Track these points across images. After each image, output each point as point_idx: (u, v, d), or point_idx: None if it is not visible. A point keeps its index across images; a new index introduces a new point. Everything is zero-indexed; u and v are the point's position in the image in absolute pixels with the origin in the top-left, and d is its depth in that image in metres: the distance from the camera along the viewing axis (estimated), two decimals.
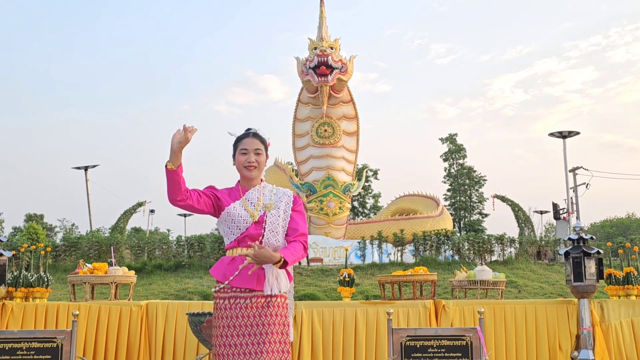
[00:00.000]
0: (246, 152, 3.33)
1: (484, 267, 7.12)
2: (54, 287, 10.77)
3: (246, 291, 3.17)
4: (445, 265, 14.17)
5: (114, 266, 7.07)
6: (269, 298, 3.17)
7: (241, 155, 3.34)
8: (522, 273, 13.64)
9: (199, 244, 15.10)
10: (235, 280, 3.17)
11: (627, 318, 6.32)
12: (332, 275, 12.63)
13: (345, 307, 6.36)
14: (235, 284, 3.17)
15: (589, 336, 6.19)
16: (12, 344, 5.49)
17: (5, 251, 6.22)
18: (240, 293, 3.17)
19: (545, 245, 16.17)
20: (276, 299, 3.19)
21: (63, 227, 47.49)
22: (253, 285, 3.15)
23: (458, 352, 5.52)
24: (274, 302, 3.18)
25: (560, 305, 6.44)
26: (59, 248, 15.54)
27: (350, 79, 16.71)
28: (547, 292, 12.02)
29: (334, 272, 12.86)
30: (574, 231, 6.41)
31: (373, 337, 6.27)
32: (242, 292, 3.17)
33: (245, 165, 3.33)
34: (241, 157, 3.34)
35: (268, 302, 3.17)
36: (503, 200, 20.49)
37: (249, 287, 3.16)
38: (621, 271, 6.69)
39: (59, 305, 6.39)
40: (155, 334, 6.30)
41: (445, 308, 6.36)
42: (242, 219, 3.24)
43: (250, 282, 3.15)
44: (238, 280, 3.16)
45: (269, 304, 3.17)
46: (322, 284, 12.11)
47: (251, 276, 3.13)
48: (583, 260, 6.21)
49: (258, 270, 3.12)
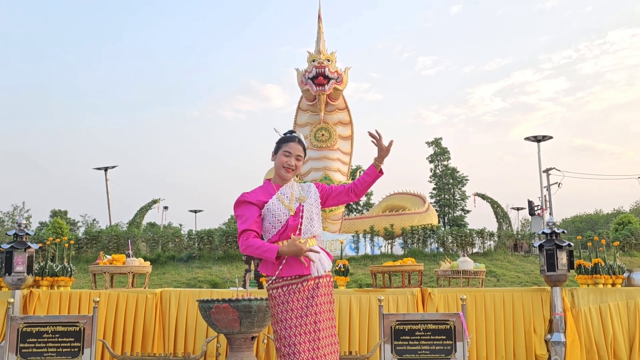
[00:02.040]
0: (289, 155, 3.28)
1: (466, 258, 7.13)
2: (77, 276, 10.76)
3: (296, 278, 3.13)
4: (431, 256, 14.17)
5: (131, 257, 7.07)
6: (317, 279, 3.15)
7: (283, 156, 3.28)
8: (500, 264, 13.65)
9: (208, 238, 15.08)
10: (284, 270, 3.12)
11: (595, 304, 6.33)
12: None
13: (341, 295, 6.36)
14: (284, 274, 3.12)
15: (560, 321, 6.20)
16: (39, 328, 5.49)
17: (32, 244, 6.21)
18: (291, 280, 3.12)
19: (522, 238, 16.17)
20: (323, 279, 3.18)
21: (85, 222, 47.37)
22: (301, 271, 3.11)
23: (443, 335, 5.53)
24: (322, 283, 3.17)
25: (535, 292, 6.45)
26: (81, 241, 15.50)
27: (345, 88, 16.71)
28: (523, 281, 12.03)
29: None
30: (547, 226, 6.42)
31: (366, 321, 6.27)
32: (292, 279, 3.12)
33: (285, 167, 3.28)
34: (283, 158, 3.28)
35: (317, 283, 3.15)
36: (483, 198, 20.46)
37: (298, 274, 3.12)
38: (590, 262, 6.71)
39: (81, 293, 6.38)
40: (169, 319, 6.29)
41: (431, 295, 6.37)
42: (282, 212, 3.18)
43: (298, 269, 3.12)
44: (286, 270, 3.11)
45: (318, 284, 3.15)
46: None
47: (297, 263, 3.10)
48: (555, 252, 6.22)
49: (306, 261, 3.10)
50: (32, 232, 6.31)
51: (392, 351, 5.48)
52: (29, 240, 6.23)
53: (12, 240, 6.15)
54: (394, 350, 5.48)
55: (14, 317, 5.52)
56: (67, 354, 5.45)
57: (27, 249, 6.14)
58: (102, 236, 15.55)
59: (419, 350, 5.47)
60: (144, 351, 6.15)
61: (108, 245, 15.02)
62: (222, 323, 5.07)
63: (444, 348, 5.48)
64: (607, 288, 6.49)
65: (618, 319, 6.30)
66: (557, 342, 6.13)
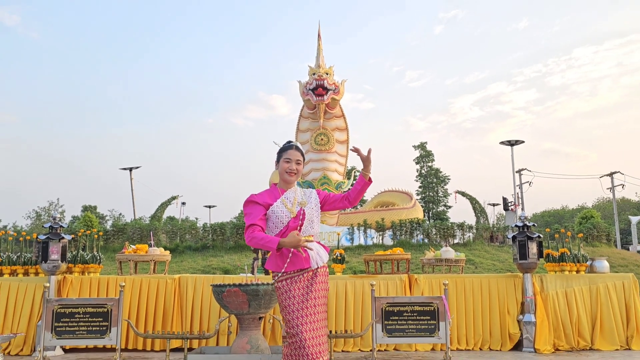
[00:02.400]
0: (289, 161, 3.29)
1: (448, 248, 7.12)
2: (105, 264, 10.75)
3: (298, 271, 3.15)
4: (417, 246, 14.16)
5: (153, 247, 7.05)
6: (315, 270, 3.19)
7: (285, 163, 3.29)
8: (478, 253, 13.64)
9: (221, 230, 15.05)
10: (288, 267, 3.14)
11: (562, 289, 6.33)
12: None
13: (338, 280, 6.36)
14: (289, 269, 3.14)
15: (531, 303, 6.20)
16: (71, 309, 5.48)
17: (66, 235, 6.21)
18: (294, 274, 3.15)
19: (497, 231, 16.15)
20: (320, 270, 3.21)
21: (112, 215, 47.30)
22: (302, 265, 3.14)
23: (427, 316, 5.52)
24: (319, 272, 3.20)
25: (508, 278, 6.44)
26: (108, 233, 15.48)
27: (342, 98, 16.67)
28: (498, 268, 12.03)
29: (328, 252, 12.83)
30: (520, 220, 6.41)
31: (360, 303, 6.27)
32: (295, 273, 3.15)
33: (287, 171, 3.28)
34: (285, 164, 3.29)
35: (315, 273, 3.18)
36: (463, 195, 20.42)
37: (300, 268, 3.15)
38: (557, 252, 6.71)
39: (109, 278, 6.37)
40: (186, 301, 6.29)
41: (417, 281, 6.36)
42: (284, 215, 3.20)
43: (300, 264, 3.14)
44: (290, 266, 3.14)
45: (316, 274, 3.18)
46: None
47: (300, 259, 3.13)
48: (527, 243, 6.22)
49: (304, 251, 3.12)
50: (65, 224, 6.30)
51: (383, 330, 5.48)
52: (62, 232, 6.22)
53: (48, 232, 6.15)
54: (384, 329, 5.48)
55: (49, 300, 5.52)
56: (96, 332, 5.44)
57: (61, 239, 6.13)
58: (127, 228, 15.53)
59: (407, 329, 5.47)
60: (164, 330, 6.14)
61: (132, 237, 15.00)
62: (233, 305, 5.06)
63: (428, 327, 5.48)
64: (572, 275, 6.49)
65: (582, 301, 6.30)
66: (528, 322, 6.13)
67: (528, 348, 6.08)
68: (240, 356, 5.07)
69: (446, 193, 40.73)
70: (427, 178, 41.06)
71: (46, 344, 5.43)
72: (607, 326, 6.22)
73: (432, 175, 40.99)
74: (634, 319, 6.26)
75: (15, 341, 6.09)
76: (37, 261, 6.34)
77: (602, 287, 6.34)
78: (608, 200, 42.75)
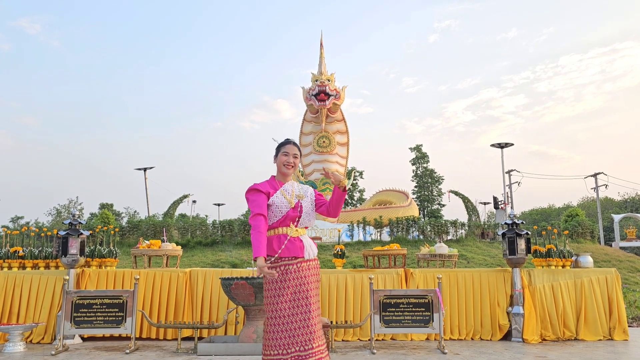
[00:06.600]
0: (287, 154, 3.27)
1: (441, 244, 7.11)
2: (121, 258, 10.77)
3: (292, 259, 3.09)
4: (413, 242, 14.15)
5: (166, 242, 7.06)
6: (308, 262, 3.13)
7: (283, 156, 3.28)
8: (470, 249, 13.63)
9: (229, 226, 15.07)
10: (283, 252, 3.07)
11: (548, 282, 6.32)
12: (328, 250, 12.63)
13: (338, 274, 6.35)
14: (283, 255, 3.08)
15: (520, 296, 6.19)
16: (89, 300, 5.50)
17: (84, 231, 6.22)
18: (288, 261, 3.08)
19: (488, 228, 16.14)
20: (313, 262, 3.17)
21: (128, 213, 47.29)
22: (297, 253, 3.09)
23: (422, 308, 5.52)
24: (311, 265, 3.15)
25: (498, 273, 6.43)
26: (124, 229, 15.51)
27: (342, 103, 16.68)
28: (489, 263, 12.02)
29: (330, 247, 12.86)
30: (509, 217, 6.40)
31: (359, 295, 6.26)
32: (289, 260, 3.09)
33: (285, 164, 3.27)
34: (283, 158, 3.27)
35: (308, 265, 3.13)
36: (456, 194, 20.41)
37: (294, 255, 3.08)
38: (544, 248, 6.69)
39: (124, 272, 6.38)
40: (196, 293, 6.29)
41: (413, 274, 6.36)
42: (284, 205, 3.17)
43: (294, 251, 3.09)
44: (285, 252, 3.08)
45: (309, 266, 3.13)
46: (321, 257, 12.11)
47: (295, 246, 3.08)
48: (516, 239, 6.21)
49: (298, 242, 3.09)
50: (84, 221, 6.31)
51: (381, 320, 5.48)
52: (81, 228, 6.24)
53: (67, 228, 6.16)
54: (382, 320, 5.48)
55: (68, 291, 5.53)
56: (112, 322, 5.45)
57: (80, 235, 6.14)
58: (142, 225, 15.55)
59: (403, 320, 5.47)
60: (175, 320, 6.15)
61: (146, 233, 15.02)
62: (241, 297, 5.07)
63: (423, 318, 5.48)
64: (558, 269, 6.47)
65: (567, 295, 6.29)
66: (517, 314, 6.12)
67: (517, 338, 6.07)
68: (247, 345, 5.07)
69: (440, 192, 40.66)
70: (423, 178, 41.00)
71: (66, 332, 5.45)
72: (591, 318, 6.21)
73: (427, 176, 40.92)
74: (616, 311, 6.24)
75: (37, 330, 6.11)
76: (57, 255, 6.36)
77: (587, 281, 6.33)
78: (592, 199, 42.62)
